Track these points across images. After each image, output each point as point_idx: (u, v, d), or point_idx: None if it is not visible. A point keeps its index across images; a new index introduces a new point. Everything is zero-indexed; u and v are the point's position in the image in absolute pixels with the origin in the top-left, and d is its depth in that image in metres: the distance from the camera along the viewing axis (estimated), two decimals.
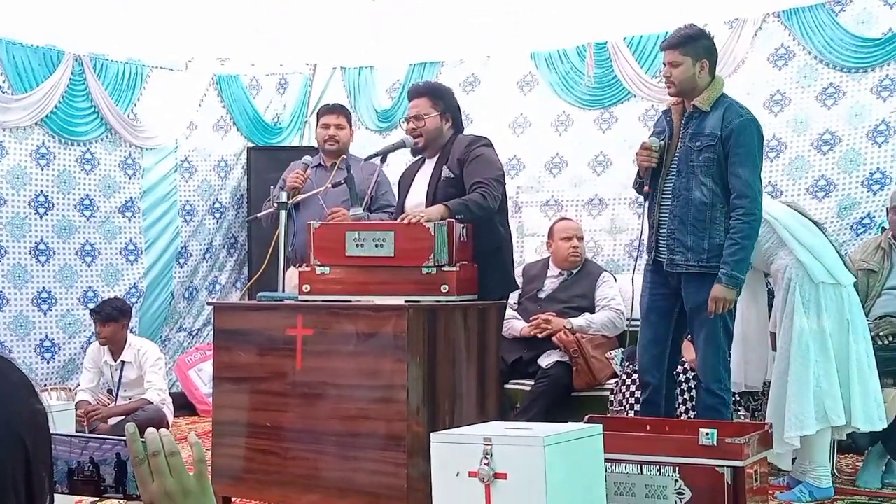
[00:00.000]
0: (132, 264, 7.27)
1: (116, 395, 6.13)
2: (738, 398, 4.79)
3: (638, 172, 4.41)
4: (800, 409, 4.26)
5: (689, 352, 4.67)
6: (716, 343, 4.21)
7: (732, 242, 4.10)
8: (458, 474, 3.18)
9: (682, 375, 4.78)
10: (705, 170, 4.14)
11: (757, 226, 4.17)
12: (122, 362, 6.07)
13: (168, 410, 6.10)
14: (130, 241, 7.27)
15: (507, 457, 3.10)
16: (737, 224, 4.10)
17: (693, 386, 4.67)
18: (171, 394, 6.58)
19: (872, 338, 4.63)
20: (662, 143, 4.30)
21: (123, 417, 5.81)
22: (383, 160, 4.48)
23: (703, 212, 4.15)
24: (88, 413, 5.83)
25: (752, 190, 4.12)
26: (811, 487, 4.32)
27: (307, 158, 5.11)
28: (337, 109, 5.49)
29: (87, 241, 7.04)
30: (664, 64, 4.31)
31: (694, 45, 4.23)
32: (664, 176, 4.26)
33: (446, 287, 3.87)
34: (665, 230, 4.25)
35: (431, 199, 4.34)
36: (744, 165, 4.11)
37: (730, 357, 4.78)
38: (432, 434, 3.34)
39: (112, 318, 6.02)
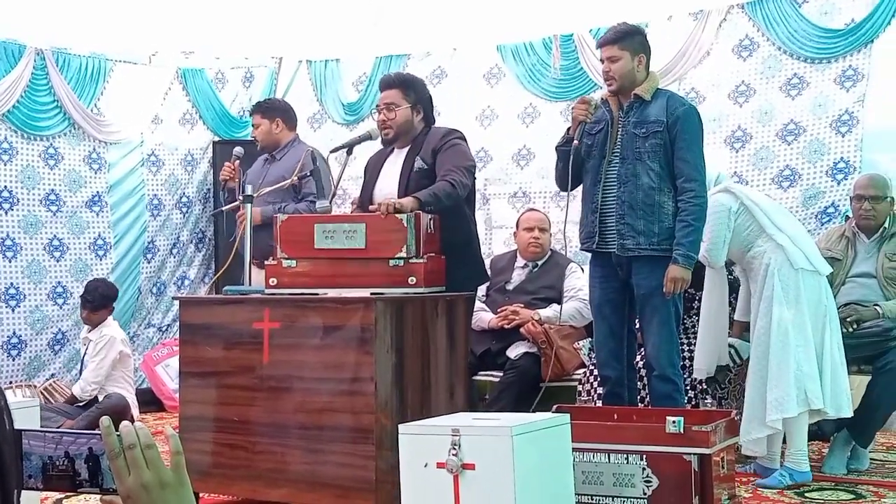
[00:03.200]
0: (101, 259, 7.22)
1: (80, 371, 6.23)
2: (705, 386, 4.82)
3: (567, 130, 4.43)
4: (781, 392, 4.28)
5: None
6: (669, 327, 4.27)
7: (685, 224, 4.18)
8: (426, 466, 3.18)
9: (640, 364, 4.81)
10: (652, 155, 4.22)
11: (706, 207, 4.27)
12: (89, 340, 6.17)
13: (133, 406, 6.07)
14: (99, 235, 7.22)
15: (475, 447, 3.11)
16: (688, 206, 4.19)
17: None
18: (138, 390, 6.55)
19: None
20: (599, 101, 4.37)
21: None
22: (349, 152, 4.46)
23: (652, 196, 4.22)
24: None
25: (701, 174, 4.25)
26: (790, 471, 4.34)
27: (237, 150, 5.17)
28: (251, 111, 5.68)
29: (54, 235, 6.97)
30: (602, 60, 4.37)
31: (631, 40, 4.32)
32: (607, 163, 4.31)
33: (413, 279, 3.87)
34: (613, 216, 4.29)
35: (404, 190, 4.33)
36: (691, 150, 4.23)
37: (694, 342, 4.84)
38: (400, 426, 3.34)
39: (103, 306, 6.21)
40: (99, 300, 6.16)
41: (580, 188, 4.52)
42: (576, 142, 4.29)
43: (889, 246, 4.83)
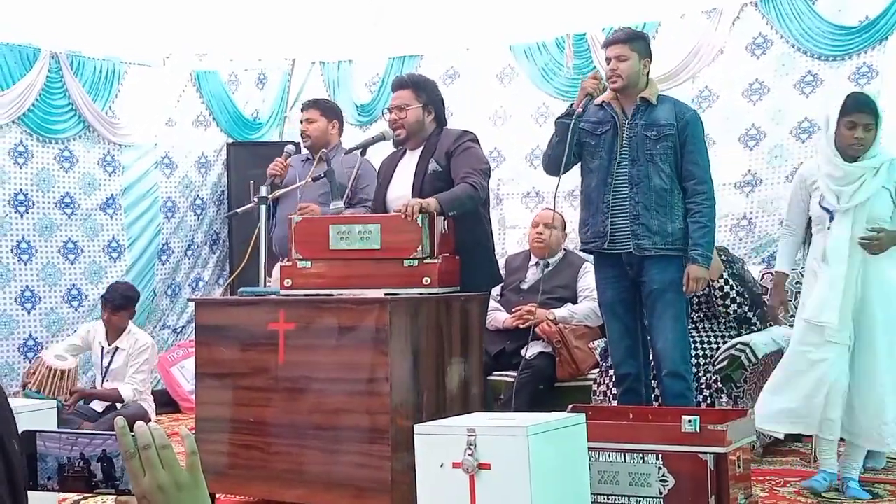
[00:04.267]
0: (115, 262, 7.24)
1: (102, 381, 6.15)
2: (721, 385, 4.81)
3: (570, 104, 4.45)
4: None
5: None
6: (682, 323, 4.32)
7: (700, 225, 4.25)
8: (442, 466, 3.18)
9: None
10: (664, 157, 4.28)
11: (715, 209, 4.35)
12: (116, 348, 6.09)
13: (149, 408, 6.09)
14: (113, 238, 7.24)
15: (490, 447, 3.11)
16: (702, 208, 4.27)
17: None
18: (154, 392, 6.57)
19: None
20: (603, 103, 4.39)
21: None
22: (363, 153, 4.47)
23: (664, 197, 4.28)
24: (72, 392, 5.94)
25: (710, 176, 4.35)
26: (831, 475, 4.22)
27: (289, 147, 5.11)
28: (307, 105, 5.50)
29: (69, 238, 7.00)
30: (608, 59, 4.39)
31: (640, 43, 4.38)
32: (616, 164, 4.32)
33: (428, 279, 3.88)
34: (627, 217, 4.31)
35: (418, 192, 4.34)
36: (701, 154, 4.34)
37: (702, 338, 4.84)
38: (416, 426, 3.34)
39: (124, 307, 6.13)
40: (120, 300, 6.12)
41: (582, 190, 4.52)
42: (579, 109, 4.30)
43: None
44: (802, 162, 5.95)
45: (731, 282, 5.16)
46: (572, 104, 4.42)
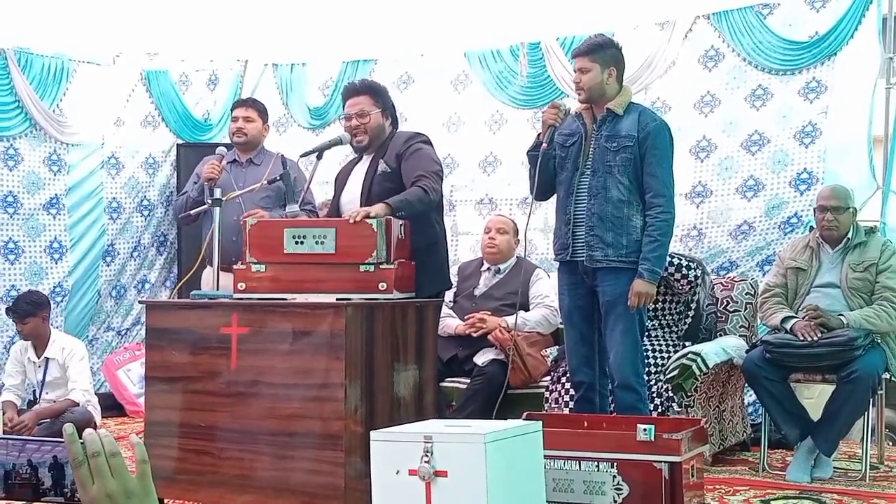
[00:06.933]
0: (57, 262, 7.11)
1: (40, 394, 5.95)
2: (672, 394, 4.84)
3: (538, 135, 4.48)
4: None
5: None
6: (633, 336, 4.30)
7: (652, 239, 4.24)
8: (397, 473, 3.15)
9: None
10: (622, 169, 4.27)
11: (672, 223, 4.34)
12: (47, 359, 5.90)
13: (95, 410, 5.97)
14: (55, 238, 7.11)
15: (447, 454, 3.09)
16: (655, 222, 4.25)
17: None
18: (98, 394, 6.44)
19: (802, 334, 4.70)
20: (569, 108, 4.44)
21: (50, 421, 5.66)
22: (319, 157, 4.42)
23: (621, 209, 4.27)
24: (14, 427, 5.58)
25: (669, 189, 4.31)
26: None
27: (221, 149, 5.09)
28: (246, 103, 5.53)
29: (10, 238, 6.86)
30: (574, 71, 4.42)
31: (602, 52, 4.37)
32: (579, 175, 4.34)
33: (384, 285, 3.85)
34: (583, 228, 4.33)
35: (367, 194, 4.32)
36: (660, 166, 4.29)
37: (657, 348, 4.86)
38: (372, 432, 3.31)
39: (29, 313, 5.86)
40: (24, 307, 5.86)
41: (554, 198, 4.54)
42: (544, 145, 4.32)
43: (852, 257, 4.89)
44: (752, 174, 6.05)
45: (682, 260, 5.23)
46: (539, 135, 4.44)
